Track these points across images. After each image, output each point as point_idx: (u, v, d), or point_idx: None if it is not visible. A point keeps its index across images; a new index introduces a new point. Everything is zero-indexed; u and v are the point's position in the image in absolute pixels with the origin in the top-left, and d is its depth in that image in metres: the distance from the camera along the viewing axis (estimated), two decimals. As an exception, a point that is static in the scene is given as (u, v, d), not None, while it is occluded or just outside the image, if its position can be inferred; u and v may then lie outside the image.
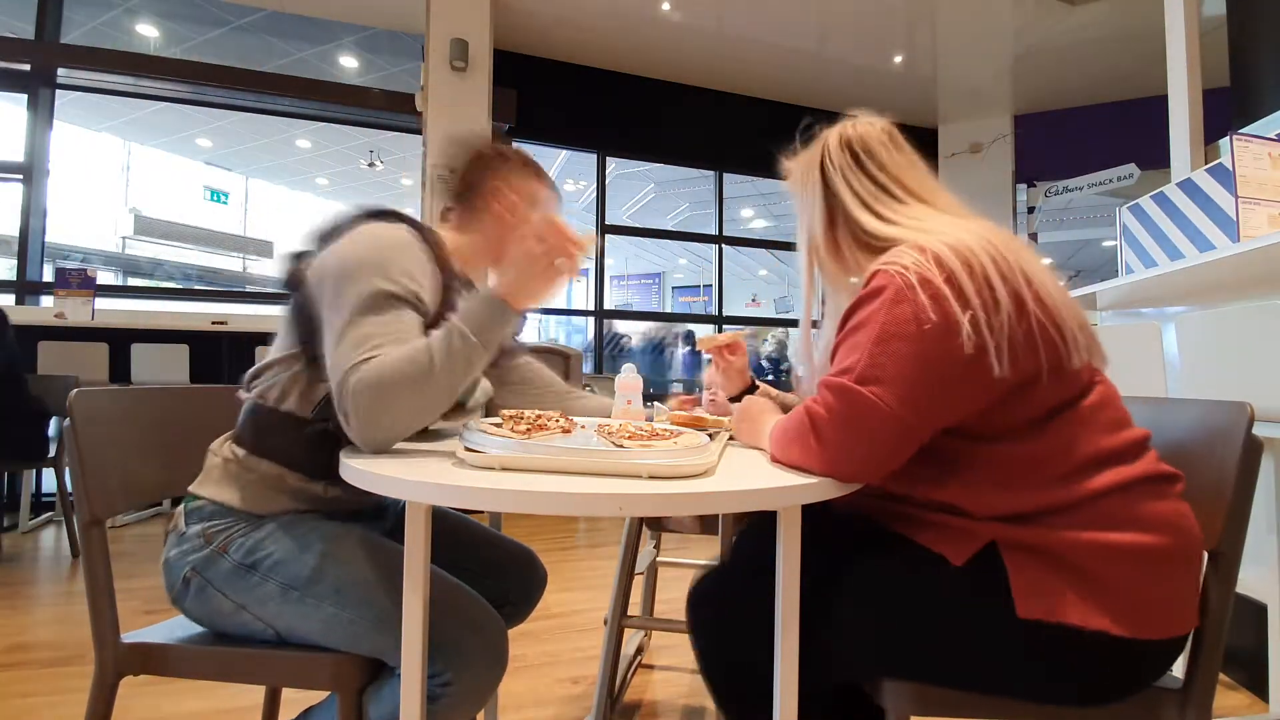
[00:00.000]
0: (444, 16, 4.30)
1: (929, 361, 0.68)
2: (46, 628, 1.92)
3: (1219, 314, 1.45)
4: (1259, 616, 1.43)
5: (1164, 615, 0.69)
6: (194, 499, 0.88)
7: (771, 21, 4.76)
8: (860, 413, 0.68)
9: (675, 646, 1.86)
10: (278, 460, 0.87)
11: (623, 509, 0.61)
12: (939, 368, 0.68)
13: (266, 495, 0.87)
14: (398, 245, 0.86)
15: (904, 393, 0.68)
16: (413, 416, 0.77)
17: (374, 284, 0.79)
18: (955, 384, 0.69)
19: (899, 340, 0.69)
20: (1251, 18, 2.65)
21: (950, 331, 0.67)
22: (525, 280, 0.83)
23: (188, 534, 0.85)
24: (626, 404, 1.12)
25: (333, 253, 0.85)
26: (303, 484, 0.88)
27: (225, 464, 0.88)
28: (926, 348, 0.68)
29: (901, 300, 0.69)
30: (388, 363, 0.74)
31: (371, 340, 0.76)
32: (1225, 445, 0.74)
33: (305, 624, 0.81)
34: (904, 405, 0.68)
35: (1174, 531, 0.69)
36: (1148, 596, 0.68)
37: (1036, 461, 0.71)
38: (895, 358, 0.68)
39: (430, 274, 0.88)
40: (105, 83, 4.34)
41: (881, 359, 0.69)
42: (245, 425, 0.90)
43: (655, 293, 12.36)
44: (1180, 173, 2.46)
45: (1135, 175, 4.98)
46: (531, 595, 1.09)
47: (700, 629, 0.89)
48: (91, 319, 3.42)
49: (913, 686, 0.74)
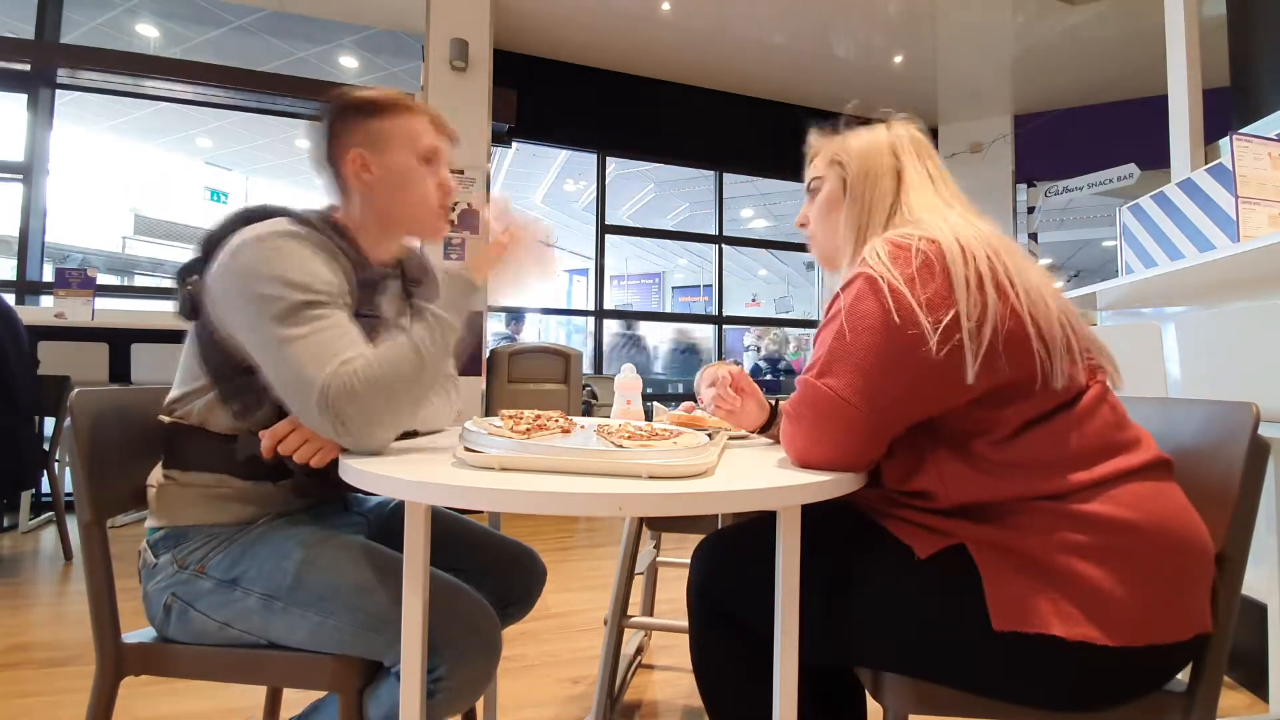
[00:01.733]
0: (444, 16, 4.30)
1: (892, 351, 0.69)
2: (46, 628, 1.92)
3: (1219, 314, 1.45)
4: (1259, 616, 1.43)
5: (1159, 621, 0.66)
6: (153, 531, 0.87)
7: (771, 21, 4.76)
8: (818, 407, 0.71)
9: (675, 646, 1.86)
10: (212, 469, 0.86)
11: (623, 509, 0.61)
12: (898, 363, 0.69)
13: (216, 505, 0.86)
14: (278, 248, 0.81)
15: (859, 384, 0.69)
16: (408, 404, 0.78)
17: (286, 297, 0.77)
18: (919, 381, 0.70)
19: (859, 333, 0.70)
20: (1251, 18, 2.64)
21: (914, 328, 0.67)
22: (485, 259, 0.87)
23: (159, 564, 0.85)
24: (626, 404, 1.12)
25: (220, 274, 0.81)
26: (246, 485, 0.87)
27: (163, 489, 0.87)
28: (884, 341, 0.69)
29: (865, 296, 0.70)
30: (374, 365, 0.74)
31: (329, 349, 0.75)
32: (1230, 446, 0.72)
33: (293, 633, 0.81)
34: (859, 397, 0.69)
35: (1159, 532, 0.67)
36: (1135, 601, 0.65)
37: (1016, 457, 0.70)
38: (854, 350, 0.70)
39: (325, 261, 0.84)
40: (105, 83, 4.34)
41: (839, 352, 0.71)
42: (172, 450, 0.88)
43: (655, 293, 12.36)
44: (1180, 173, 2.46)
45: (1135, 175, 4.98)
46: (532, 593, 1.09)
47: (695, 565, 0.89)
48: (91, 319, 3.42)
49: (910, 684, 0.74)
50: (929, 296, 0.68)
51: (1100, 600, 0.65)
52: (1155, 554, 0.67)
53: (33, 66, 4.07)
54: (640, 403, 1.13)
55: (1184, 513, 0.70)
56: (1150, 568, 0.66)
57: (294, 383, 0.76)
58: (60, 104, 4.28)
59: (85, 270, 3.53)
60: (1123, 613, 0.65)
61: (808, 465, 0.74)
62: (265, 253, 0.80)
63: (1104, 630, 0.64)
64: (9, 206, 4.08)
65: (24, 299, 4.01)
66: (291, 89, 4.52)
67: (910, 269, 0.69)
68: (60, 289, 3.44)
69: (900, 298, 0.68)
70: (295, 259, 0.80)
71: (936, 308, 0.68)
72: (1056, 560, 0.67)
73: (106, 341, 3.38)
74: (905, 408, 0.72)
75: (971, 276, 0.69)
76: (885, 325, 0.68)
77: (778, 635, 0.70)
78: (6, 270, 4.42)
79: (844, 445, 0.72)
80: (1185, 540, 0.68)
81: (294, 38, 5.39)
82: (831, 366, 0.71)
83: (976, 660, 0.70)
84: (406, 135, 0.94)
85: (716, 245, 6.09)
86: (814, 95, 5.64)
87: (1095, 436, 0.71)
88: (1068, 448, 0.70)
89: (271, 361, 0.78)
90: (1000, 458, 0.71)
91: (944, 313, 0.67)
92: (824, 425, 0.72)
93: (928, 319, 0.67)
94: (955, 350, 0.67)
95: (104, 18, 5.25)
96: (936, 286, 0.69)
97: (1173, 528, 0.68)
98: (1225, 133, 1.81)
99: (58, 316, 3.37)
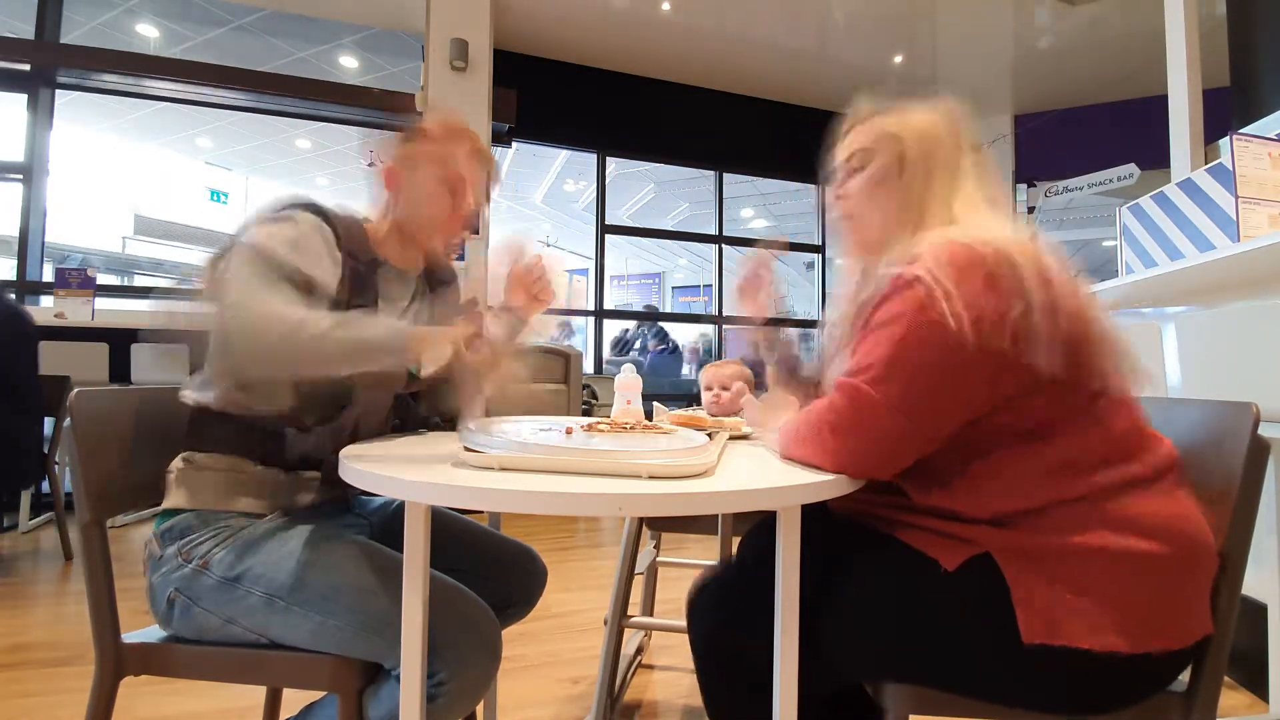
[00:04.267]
0: (444, 16, 4.30)
1: (947, 370, 0.67)
2: (46, 628, 1.91)
3: (1219, 314, 1.45)
4: (1259, 616, 1.43)
5: (1173, 625, 0.66)
6: (162, 519, 0.88)
7: (771, 21, 4.76)
8: (867, 415, 0.69)
9: (675, 646, 1.86)
10: (229, 451, 0.88)
11: (622, 509, 0.61)
12: (955, 376, 0.67)
13: (227, 492, 0.87)
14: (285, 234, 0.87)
15: (914, 398, 0.68)
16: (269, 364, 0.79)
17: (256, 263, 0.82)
18: (966, 391, 0.68)
19: (921, 347, 0.67)
20: (1251, 18, 2.64)
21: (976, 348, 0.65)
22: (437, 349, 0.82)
23: (165, 556, 0.85)
24: (626, 404, 1.12)
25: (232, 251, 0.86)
26: (263, 472, 0.88)
27: (180, 474, 0.88)
28: (947, 357, 0.66)
29: (928, 307, 0.66)
30: (266, 306, 0.77)
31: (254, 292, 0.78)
32: (1231, 447, 0.72)
33: (294, 633, 0.81)
34: (912, 410, 0.68)
35: (1179, 536, 0.67)
36: (1155, 607, 0.66)
37: (1034, 463, 0.70)
38: (914, 364, 0.67)
39: (324, 247, 0.90)
40: (105, 83, 4.34)
41: (900, 362, 0.68)
42: (194, 431, 0.90)
43: (655, 293, 12.35)
44: (1180, 173, 2.46)
45: (1135, 175, 4.98)
46: (532, 594, 1.09)
47: (697, 618, 0.89)
48: (91, 319, 3.42)
49: (912, 688, 0.74)
50: (993, 307, 0.65)
51: (1122, 608, 0.65)
52: (1173, 559, 0.67)
53: (33, 66, 4.06)
54: (640, 402, 1.13)
55: (1197, 516, 0.70)
56: (1168, 572, 0.66)
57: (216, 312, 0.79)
58: (60, 104, 4.28)
59: (85, 270, 3.53)
60: (1142, 619, 0.65)
61: (847, 474, 0.71)
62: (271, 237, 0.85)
63: (1126, 638, 0.64)
64: (9, 206, 4.08)
65: (24, 299, 4.01)
66: (291, 89, 4.52)
67: (977, 281, 0.66)
68: (60, 289, 3.44)
69: (963, 314, 0.64)
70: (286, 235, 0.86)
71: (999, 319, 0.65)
72: (1081, 566, 0.66)
73: (106, 341, 3.37)
74: (949, 420, 0.70)
75: (1036, 279, 0.66)
76: (945, 343, 0.65)
77: (778, 636, 0.70)
78: (6, 270, 4.42)
79: (885, 456, 0.71)
80: (1199, 544, 0.68)
81: (294, 38, 5.39)
82: (886, 374, 0.68)
83: (1002, 672, 0.69)
84: (438, 158, 1.01)
85: (716, 245, 6.09)
86: (814, 95, 5.63)
87: (1121, 439, 0.70)
88: (1095, 450, 0.69)
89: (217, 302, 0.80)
90: (1029, 465, 0.70)
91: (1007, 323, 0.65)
92: (862, 431, 0.69)
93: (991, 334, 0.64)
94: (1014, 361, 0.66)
95: (104, 18, 5.26)
96: (1000, 295, 0.65)
97: (1189, 532, 0.68)
98: (1225, 133, 1.81)
99: (58, 316, 3.37)
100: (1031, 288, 0.65)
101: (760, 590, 0.75)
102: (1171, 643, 0.66)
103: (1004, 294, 0.65)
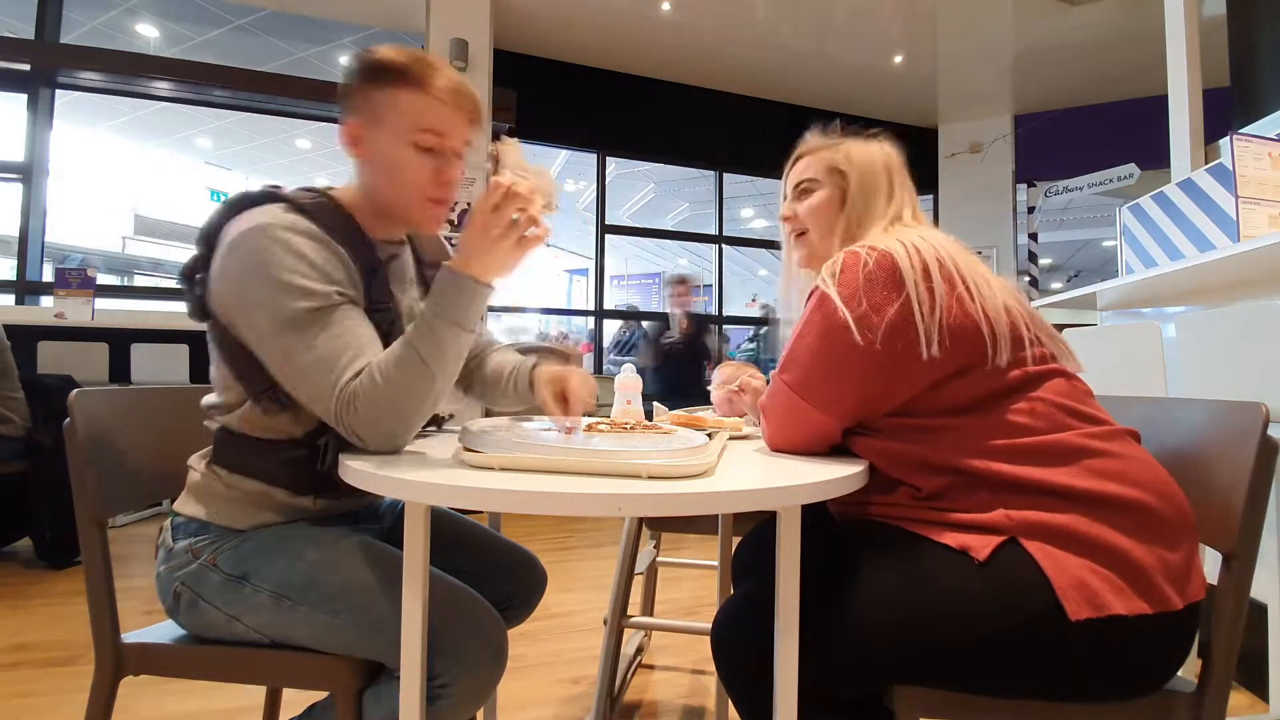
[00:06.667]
0: (444, 16, 4.31)
1: (835, 359, 0.78)
2: (46, 628, 1.91)
3: (1219, 314, 1.45)
4: (1259, 616, 1.43)
5: (1180, 580, 0.68)
6: (178, 515, 0.87)
7: (771, 21, 4.76)
8: (782, 401, 0.83)
9: (675, 646, 1.86)
10: (261, 479, 0.85)
11: (622, 509, 0.61)
12: (843, 363, 0.77)
13: (251, 511, 0.85)
14: (268, 247, 0.75)
15: (805, 379, 0.80)
16: (420, 416, 0.77)
17: (285, 306, 0.74)
18: (857, 373, 0.77)
19: (809, 337, 0.80)
20: (1251, 18, 2.65)
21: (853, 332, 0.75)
22: (486, 252, 0.77)
23: (175, 549, 0.84)
24: (626, 404, 1.12)
25: (219, 277, 0.79)
26: (290, 499, 0.86)
27: (207, 482, 0.86)
28: (831, 346, 0.77)
29: (816, 305, 0.80)
30: (379, 382, 0.73)
31: (338, 359, 0.74)
32: (1239, 447, 0.71)
33: (299, 632, 0.80)
34: (806, 391, 0.80)
35: (1165, 487, 0.70)
36: (1159, 563, 0.67)
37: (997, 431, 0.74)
38: (808, 356, 0.80)
39: (321, 250, 0.79)
40: (105, 83, 4.34)
41: (797, 355, 0.82)
42: (221, 448, 0.86)
43: (655, 293, 12.35)
44: (1180, 173, 2.46)
45: (1135, 175, 4.98)
46: (532, 598, 1.09)
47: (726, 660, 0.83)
48: (91, 319, 3.43)
49: (924, 690, 0.72)
50: (874, 300, 0.76)
51: (1133, 568, 0.66)
52: (1156, 513, 0.69)
53: (33, 66, 4.07)
54: (640, 402, 1.13)
55: (1166, 473, 0.72)
56: (1165, 521, 0.69)
57: (306, 399, 0.77)
58: (60, 104, 4.29)
59: (85, 270, 3.53)
60: (1153, 578, 0.66)
61: (777, 449, 0.86)
62: (258, 253, 0.75)
63: (1148, 599, 0.66)
64: (9, 206, 4.08)
65: (24, 299, 4.01)
66: (291, 89, 4.52)
67: (857, 279, 0.77)
68: (60, 289, 3.44)
69: (844, 305, 0.77)
70: (289, 257, 0.75)
71: (881, 308, 0.75)
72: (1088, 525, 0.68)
73: (106, 341, 3.38)
74: (854, 398, 0.79)
75: (919, 272, 0.76)
76: (826, 330, 0.78)
77: (778, 637, 0.70)
78: (6, 270, 4.42)
79: (799, 430, 0.83)
80: (1175, 498, 0.71)
81: (294, 38, 5.39)
82: (788, 365, 0.83)
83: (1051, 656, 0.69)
84: (405, 112, 0.82)
85: (716, 245, 6.09)
86: (814, 95, 5.63)
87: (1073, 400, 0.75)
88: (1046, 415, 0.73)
89: (281, 374, 0.78)
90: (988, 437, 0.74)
91: (888, 311, 0.75)
92: (780, 414, 0.84)
93: (871, 321, 0.75)
94: (907, 342, 0.74)
95: (104, 18, 5.26)
96: (882, 290, 0.76)
97: (1164, 489, 0.70)
98: (1225, 133, 1.81)
99: (58, 316, 3.37)
100: (911, 283, 0.75)
101: None
102: (1183, 599, 0.67)
103: (879, 290, 0.76)
